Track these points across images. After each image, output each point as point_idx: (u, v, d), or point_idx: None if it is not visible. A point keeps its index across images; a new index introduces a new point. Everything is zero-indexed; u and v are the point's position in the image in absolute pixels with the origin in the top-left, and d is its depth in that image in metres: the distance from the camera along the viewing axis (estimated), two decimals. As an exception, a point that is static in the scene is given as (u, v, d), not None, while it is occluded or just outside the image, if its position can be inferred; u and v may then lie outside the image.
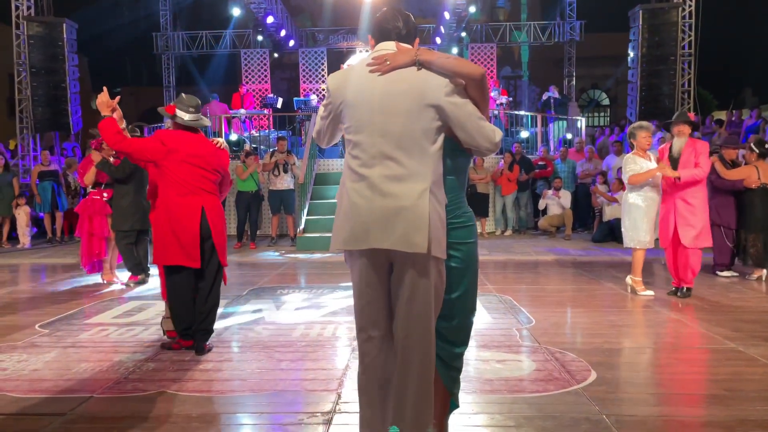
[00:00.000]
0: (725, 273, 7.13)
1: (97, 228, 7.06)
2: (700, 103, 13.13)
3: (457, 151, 2.42)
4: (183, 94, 4.56)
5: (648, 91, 11.91)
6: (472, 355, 4.20)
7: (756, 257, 6.92)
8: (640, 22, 11.81)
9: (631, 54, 12.30)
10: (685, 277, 5.98)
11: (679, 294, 6.01)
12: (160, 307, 5.79)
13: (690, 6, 11.92)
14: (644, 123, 6.25)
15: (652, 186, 5.97)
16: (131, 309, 5.80)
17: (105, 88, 4.33)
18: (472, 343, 4.46)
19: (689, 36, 11.95)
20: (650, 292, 6.09)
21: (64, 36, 12.27)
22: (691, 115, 6.23)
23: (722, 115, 15.11)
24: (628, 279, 6.28)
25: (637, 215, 5.97)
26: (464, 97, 2.32)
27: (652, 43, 11.82)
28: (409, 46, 2.40)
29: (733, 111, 14.27)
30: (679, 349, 4.41)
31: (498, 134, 2.34)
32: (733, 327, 4.85)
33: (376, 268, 2.37)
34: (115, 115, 4.35)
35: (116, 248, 7.11)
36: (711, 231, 6.18)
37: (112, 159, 6.82)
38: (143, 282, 7.07)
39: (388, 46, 2.41)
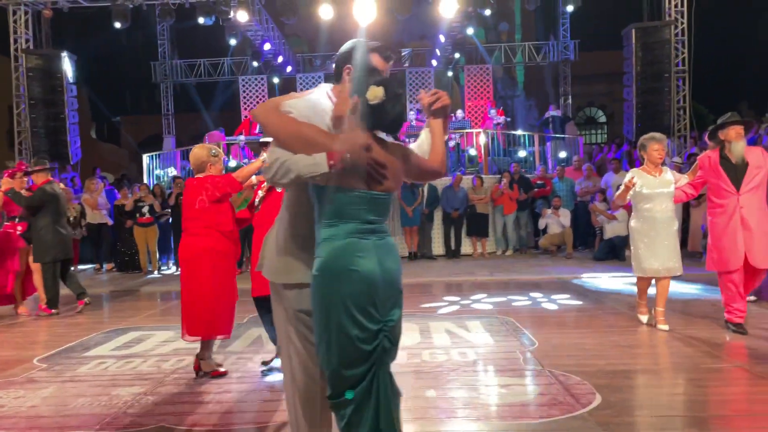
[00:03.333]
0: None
1: (8, 262, 7.08)
2: (696, 118, 13.19)
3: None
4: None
5: (644, 108, 11.99)
6: (475, 379, 4.15)
7: None
8: (633, 41, 11.93)
9: (626, 72, 12.39)
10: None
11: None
12: (160, 337, 5.76)
13: (682, 23, 12.05)
14: (657, 135, 5.54)
15: (662, 202, 5.33)
16: (130, 341, 5.74)
17: None
18: (476, 367, 4.45)
19: (683, 53, 12.06)
20: (644, 317, 5.61)
21: (63, 68, 12.40)
22: None
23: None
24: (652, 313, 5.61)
25: (637, 239, 5.42)
26: None
27: (646, 61, 11.92)
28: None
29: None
30: (685, 369, 4.36)
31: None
32: (739, 346, 4.80)
33: None
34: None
35: (22, 280, 7.21)
36: None
37: (24, 191, 6.92)
38: (55, 314, 7.09)
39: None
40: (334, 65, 2.52)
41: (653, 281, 5.53)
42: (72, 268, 7.11)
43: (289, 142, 2.20)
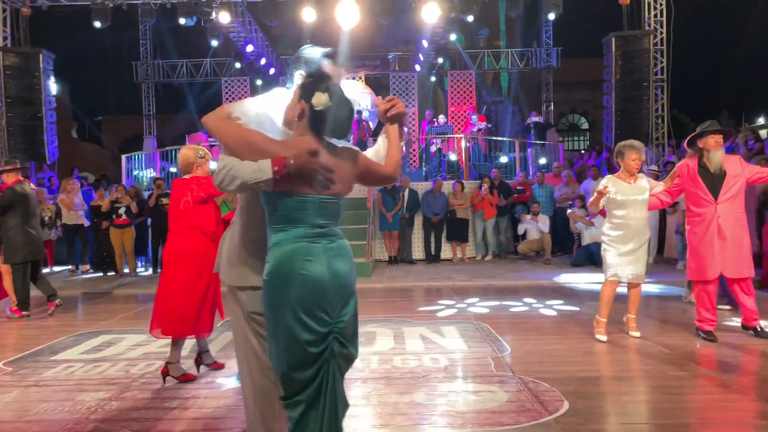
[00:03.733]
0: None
1: None
2: (678, 127, 13.35)
3: None
4: None
5: (623, 116, 12.09)
6: (446, 386, 4.14)
7: None
8: (614, 49, 12.04)
9: (606, 80, 12.51)
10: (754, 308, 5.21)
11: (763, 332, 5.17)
12: (131, 341, 5.68)
13: (662, 33, 12.18)
14: (636, 143, 5.43)
15: (636, 210, 5.25)
16: (100, 344, 5.66)
17: None
18: (446, 373, 4.44)
19: (662, 62, 12.19)
20: (603, 337, 5.31)
21: (41, 66, 12.23)
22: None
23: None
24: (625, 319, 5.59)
25: (609, 246, 5.33)
26: None
27: (626, 69, 12.04)
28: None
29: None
30: (653, 376, 4.38)
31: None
32: (709, 354, 4.84)
33: None
34: None
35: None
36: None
37: None
38: (26, 317, 6.99)
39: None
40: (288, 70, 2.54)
41: (616, 289, 5.42)
42: (44, 270, 6.98)
43: (236, 149, 2.21)
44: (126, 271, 10.83)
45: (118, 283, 9.84)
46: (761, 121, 23.78)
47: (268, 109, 2.40)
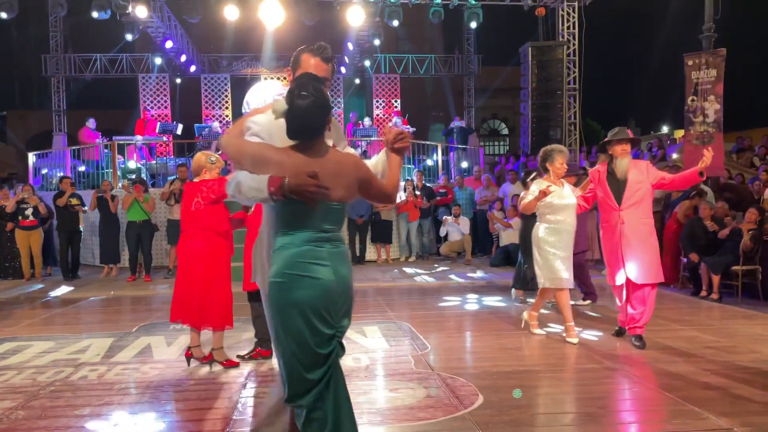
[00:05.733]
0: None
1: None
2: (590, 134, 14.09)
3: None
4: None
5: (538, 123, 12.65)
6: (367, 385, 4.21)
7: None
8: (530, 58, 12.57)
9: (523, 87, 13.03)
10: (640, 318, 5.17)
11: (635, 342, 5.13)
12: (38, 348, 5.41)
13: (573, 44, 12.83)
14: (563, 147, 5.57)
15: (570, 214, 5.36)
16: (4, 351, 5.34)
17: None
18: (367, 372, 4.51)
19: (574, 72, 12.83)
20: (541, 332, 5.65)
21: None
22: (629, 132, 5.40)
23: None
24: (525, 315, 5.82)
25: (549, 251, 5.32)
26: None
27: (541, 78, 12.60)
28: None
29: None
30: (562, 369, 4.63)
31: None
32: (613, 345, 5.17)
33: None
34: None
35: None
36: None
37: None
38: None
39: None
40: None
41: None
42: None
43: (241, 163, 2.31)
44: (33, 275, 10.23)
45: (24, 289, 9.29)
46: (665, 129, 25.47)
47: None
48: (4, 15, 12.10)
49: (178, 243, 4.80)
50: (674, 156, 12.25)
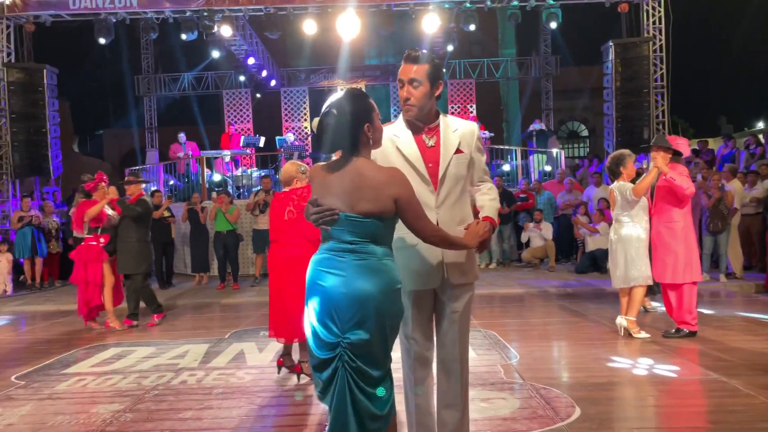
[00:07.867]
0: None
1: (91, 275, 6.95)
2: (676, 133, 13.39)
3: None
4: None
5: (623, 123, 12.15)
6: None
7: None
8: (613, 57, 12.12)
9: (606, 87, 12.58)
10: (681, 317, 5.54)
11: (675, 333, 5.53)
12: (140, 353, 5.71)
13: (660, 40, 12.27)
14: (628, 151, 5.89)
15: (644, 213, 5.63)
16: (110, 357, 5.68)
17: None
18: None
19: (661, 69, 12.26)
20: (646, 335, 5.57)
21: (45, 81, 12.30)
22: (672, 139, 5.61)
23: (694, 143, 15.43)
24: (621, 320, 5.68)
25: (636, 248, 5.54)
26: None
27: (626, 76, 12.10)
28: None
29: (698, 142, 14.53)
30: (663, 381, 4.40)
31: None
32: (715, 357, 4.87)
33: None
34: None
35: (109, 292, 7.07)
36: None
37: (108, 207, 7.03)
38: (135, 327, 7.08)
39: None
40: None
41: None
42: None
43: None
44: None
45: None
46: (760, 125, 23.89)
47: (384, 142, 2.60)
48: (102, 40, 12.92)
49: (270, 253, 4.86)
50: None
